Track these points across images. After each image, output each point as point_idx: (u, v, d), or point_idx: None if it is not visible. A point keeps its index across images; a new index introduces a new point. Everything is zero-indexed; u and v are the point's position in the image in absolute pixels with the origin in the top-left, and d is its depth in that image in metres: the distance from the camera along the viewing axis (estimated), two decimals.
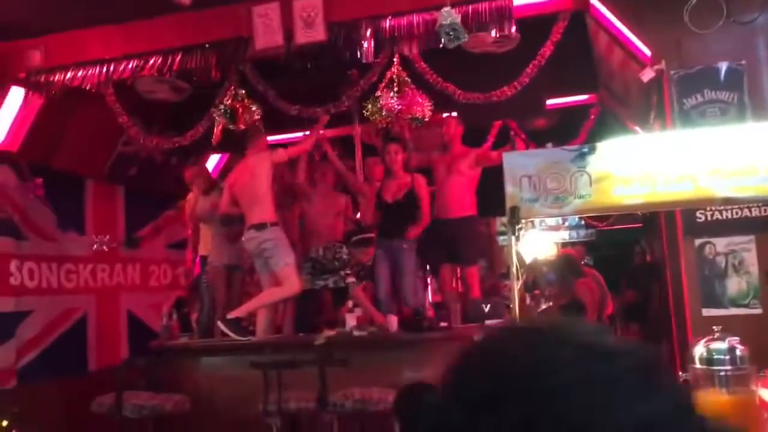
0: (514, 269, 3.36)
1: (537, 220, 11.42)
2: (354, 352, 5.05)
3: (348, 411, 4.79)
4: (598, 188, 3.21)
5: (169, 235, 7.97)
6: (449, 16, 3.38)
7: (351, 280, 5.84)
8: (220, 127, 5.91)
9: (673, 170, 3.19)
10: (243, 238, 5.98)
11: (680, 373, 3.15)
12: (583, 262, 7.65)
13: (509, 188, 3.37)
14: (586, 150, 3.29)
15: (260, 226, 5.78)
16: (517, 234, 3.33)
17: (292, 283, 5.75)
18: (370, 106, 5.61)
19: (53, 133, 6.33)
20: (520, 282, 3.33)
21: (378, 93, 5.54)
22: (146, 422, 5.27)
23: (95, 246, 6.72)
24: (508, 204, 3.36)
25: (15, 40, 5.69)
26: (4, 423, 5.36)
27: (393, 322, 5.45)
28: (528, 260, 10.12)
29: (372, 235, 5.99)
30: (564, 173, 3.25)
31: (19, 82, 5.81)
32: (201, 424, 5.43)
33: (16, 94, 5.86)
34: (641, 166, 3.21)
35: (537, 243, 11.55)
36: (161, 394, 5.32)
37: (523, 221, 3.37)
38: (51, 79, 5.69)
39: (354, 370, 4.93)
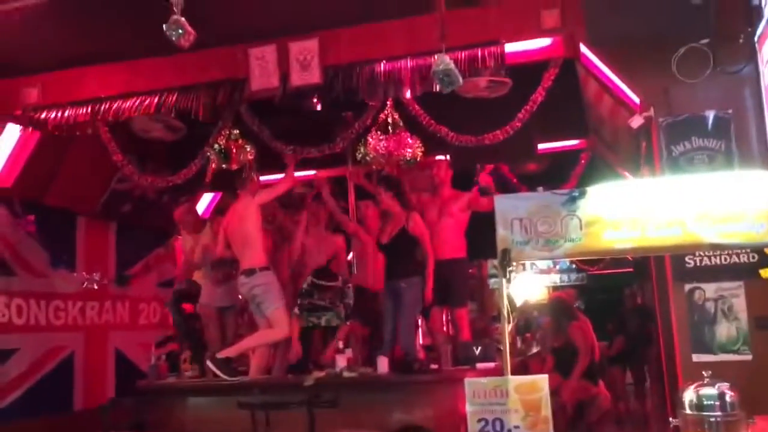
0: (504, 312, 3.37)
1: (528, 264, 11.47)
2: (344, 393, 5.02)
3: None
4: (589, 232, 3.25)
5: (159, 273, 7.93)
6: (443, 62, 3.45)
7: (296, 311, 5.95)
8: (213, 166, 5.96)
9: (662, 215, 3.23)
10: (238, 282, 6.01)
11: (671, 419, 3.14)
12: (575, 306, 7.65)
13: (500, 231, 3.40)
14: (576, 194, 3.34)
15: (250, 272, 5.80)
16: (508, 276, 3.35)
17: (283, 327, 5.77)
18: (362, 148, 5.68)
19: (47, 170, 6.37)
20: (511, 325, 3.34)
21: (368, 136, 5.62)
22: None
23: (85, 283, 6.68)
24: (500, 246, 3.39)
25: (12, 78, 5.75)
26: None
27: (383, 363, 5.42)
28: (519, 303, 10.15)
29: (332, 284, 6.04)
30: (555, 217, 3.29)
31: (15, 119, 5.85)
32: None
33: (12, 131, 5.90)
34: (631, 210, 3.26)
35: (528, 286, 11.60)
36: None
37: (514, 264, 3.40)
38: (47, 116, 5.73)
39: (343, 411, 4.91)
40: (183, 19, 3.37)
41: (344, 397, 4.94)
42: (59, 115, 5.71)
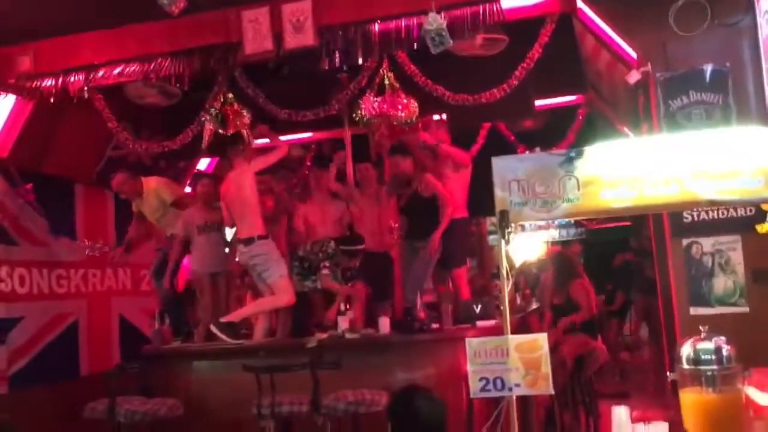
0: (504, 272, 3.40)
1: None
2: (346, 355, 5.08)
3: (341, 413, 4.82)
4: (586, 192, 3.26)
5: (158, 239, 7.95)
6: (435, 21, 3.41)
7: (325, 272, 5.92)
8: (209, 131, 5.93)
9: (659, 174, 3.23)
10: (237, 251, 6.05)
11: (668, 373, 3.20)
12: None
13: (498, 192, 3.41)
14: (573, 154, 3.33)
15: (248, 241, 5.82)
16: (507, 238, 3.37)
17: (286, 294, 5.81)
18: (358, 111, 5.65)
19: (43, 138, 6.34)
20: (510, 282, 3.38)
21: (361, 98, 5.59)
22: (139, 427, 5.28)
23: (87, 251, 6.71)
24: (498, 208, 3.40)
25: (4, 47, 5.69)
26: None
27: (385, 323, 5.48)
28: (519, 263, 10.21)
29: (360, 247, 6.04)
30: (552, 177, 3.29)
31: (8, 88, 5.80)
32: (194, 428, 5.44)
33: (6, 100, 5.85)
34: (628, 169, 3.26)
35: (527, 244, 11.65)
36: (154, 399, 5.33)
37: (512, 225, 3.41)
38: (40, 84, 5.68)
39: (346, 373, 4.96)
40: None
41: (347, 359, 5.00)
42: (53, 82, 5.66)
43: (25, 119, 6.04)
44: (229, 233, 6.62)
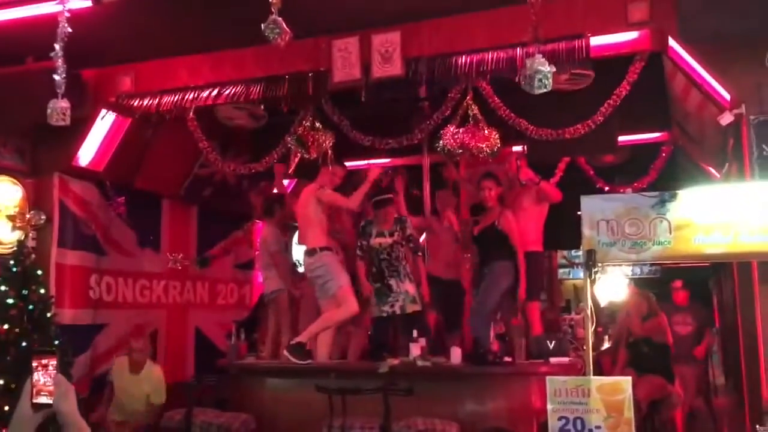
0: (589, 311, 3.38)
1: None
2: (416, 382, 5.10)
3: None
4: (678, 236, 3.22)
5: (236, 255, 8.20)
6: (535, 63, 3.44)
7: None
8: (296, 155, 6.10)
9: (755, 220, 3.17)
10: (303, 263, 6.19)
11: (757, 427, 3.11)
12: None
13: (586, 231, 3.40)
14: (666, 197, 3.30)
15: (311, 252, 5.96)
16: (593, 277, 3.35)
17: (349, 305, 5.85)
18: (439, 140, 5.72)
19: (136, 155, 6.64)
20: (594, 324, 3.34)
21: (442, 130, 5.66)
22: None
23: (170, 264, 6.97)
24: (585, 247, 3.39)
25: (107, 67, 6.02)
26: None
27: (456, 353, 5.48)
28: (604, 303, 10.01)
29: (390, 195, 6.22)
30: (643, 219, 3.27)
31: (108, 106, 6.12)
32: None
33: (106, 117, 6.17)
34: (722, 215, 3.20)
35: (607, 282, 11.40)
36: (228, 413, 5.47)
37: (599, 265, 3.39)
38: (139, 103, 5.98)
39: (416, 400, 4.98)
40: (280, 18, 3.47)
41: (417, 386, 5.02)
42: (150, 102, 5.95)
43: (122, 136, 6.35)
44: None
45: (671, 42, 4.89)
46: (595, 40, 5.00)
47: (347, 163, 6.73)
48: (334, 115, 5.90)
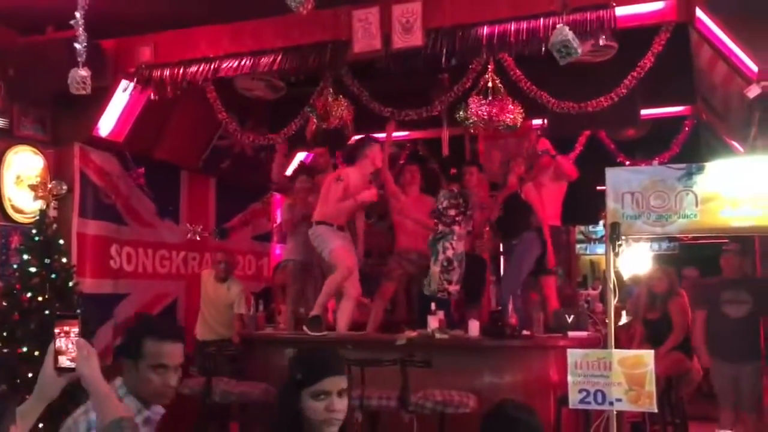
0: (611, 285, 3.35)
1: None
2: (435, 354, 5.12)
3: (428, 412, 4.86)
4: (705, 209, 3.17)
5: (254, 226, 8.23)
6: (562, 32, 3.38)
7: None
8: (313, 125, 6.08)
9: None
10: None
11: None
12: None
13: (611, 204, 3.36)
14: (693, 169, 3.25)
15: (310, 225, 6.08)
16: (617, 251, 3.32)
17: (341, 265, 5.89)
18: (461, 112, 5.67)
19: (156, 126, 6.65)
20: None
21: (469, 100, 5.60)
22: (232, 407, 5.48)
23: (189, 235, 7.01)
24: (609, 220, 3.36)
25: (127, 37, 6.00)
26: None
27: (474, 326, 5.49)
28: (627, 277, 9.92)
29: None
30: (669, 191, 3.22)
31: (128, 76, 6.11)
32: None
33: (126, 88, 6.16)
34: (751, 188, 3.15)
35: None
36: (247, 382, 5.53)
37: (623, 238, 3.36)
38: (158, 74, 5.96)
39: (434, 372, 5.01)
40: None
41: (436, 358, 5.04)
42: (169, 73, 5.93)
43: (141, 107, 6.35)
44: None
45: (698, 13, 4.80)
46: (620, 11, 4.91)
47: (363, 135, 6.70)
48: (354, 86, 5.86)
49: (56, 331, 2.08)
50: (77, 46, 3.70)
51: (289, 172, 7.96)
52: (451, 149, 7.18)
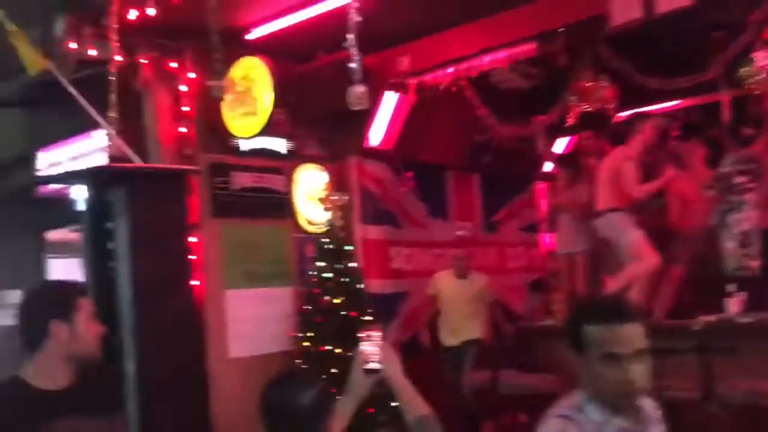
0: None
1: None
2: (736, 340, 4.66)
3: (737, 404, 4.44)
4: None
5: (522, 218, 8.22)
6: None
7: None
8: (575, 110, 5.89)
9: None
10: None
11: None
12: None
13: None
14: None
15: (599, 214, 5.78)
16: None
17: (647, 257, 5.55)
18: (744, 69, 5.10)
19: (419, 130, 6.94)
20: None
21: (753, 54, 5.01)
22: (520, 400, 5.51)
23: (460, 232, 7.21)
24: None
25: (385, 50, 6.34)
26: None
27: None
28: None
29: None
30: None
31: (390, 87, 6.46)
32: None
33: (389, 98, 6.53)
34: None
35: None
36: (534, 374, 5.52)
37: None
38: (418, 81, 6.22)
39: (740, 359, 4.55)
40: None
41: (738, 344, 4.58)
42: (428, 78, 6.16)
43: (405, 114, 6.67)
44: None
45: None
46: None
47: (629, 112, 6.34)
48: (614, 61, 5.57)
49: (361, 335, 2.23)
50: (352, 65, 3.97)
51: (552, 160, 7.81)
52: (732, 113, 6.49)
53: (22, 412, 2.11)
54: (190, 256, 5.31)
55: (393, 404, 2.45)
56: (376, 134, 6.73)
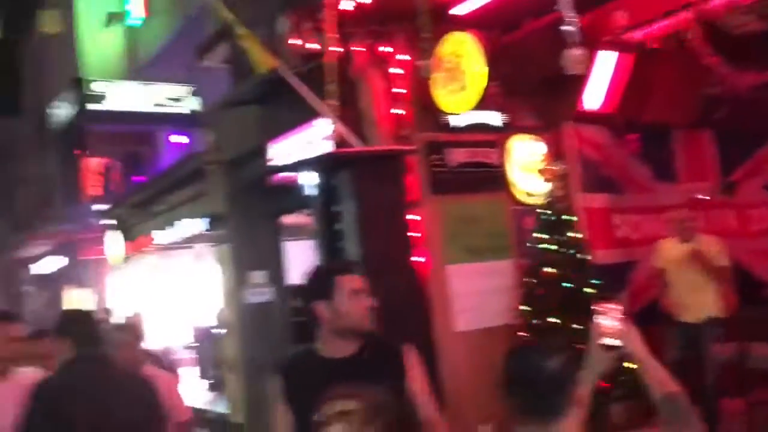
0: None
1: None
2: None
3: None
4: None
5: (766, 175, 7.40)
6: None
7: None
8: None
9: None
10: None
11: None
12: None
13: None
14: None
15: None
16: None
17: None
18: None
19: (641, 89, 6.46)
20: None
21: None
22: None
23: (693, 196, 6.67)
24: None
25: (597, 8, 5.98)
26: None
27: None
28: None
29: None
30: None
31: (605, 46, 6.08)
32: None
33: (605, 58, 6.14)
34: None
35: None
36: None
37: None
38: (639, 35, 5.80)
39: None
40: None
41: None
42: (651, 31, 5.71)
43: (625, 73, 6.24)
44: None
45: None
46: None
47: None
48: None
49: (598, 310, 2.14)
50: (567, 28, 3.80)
51: None
52: None
53: (311, 374, 2.50)
54: (412, 234, 5.47)
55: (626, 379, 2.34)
56: (594, 98, 6.37)
